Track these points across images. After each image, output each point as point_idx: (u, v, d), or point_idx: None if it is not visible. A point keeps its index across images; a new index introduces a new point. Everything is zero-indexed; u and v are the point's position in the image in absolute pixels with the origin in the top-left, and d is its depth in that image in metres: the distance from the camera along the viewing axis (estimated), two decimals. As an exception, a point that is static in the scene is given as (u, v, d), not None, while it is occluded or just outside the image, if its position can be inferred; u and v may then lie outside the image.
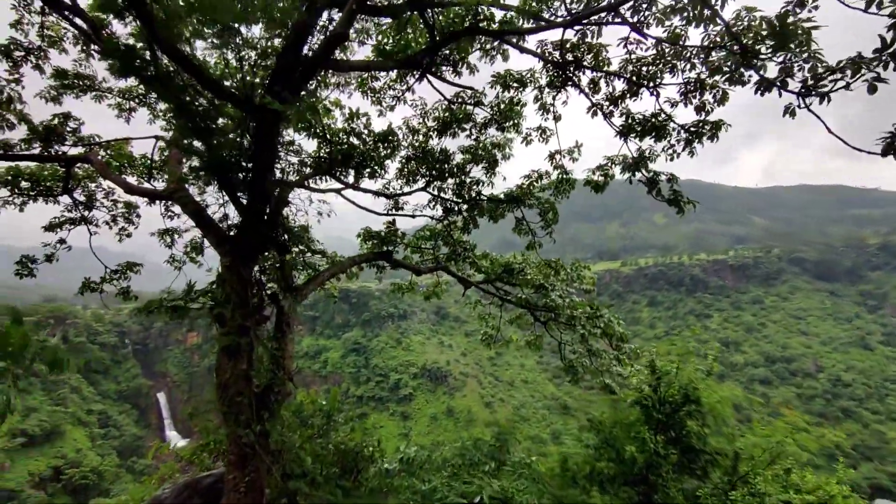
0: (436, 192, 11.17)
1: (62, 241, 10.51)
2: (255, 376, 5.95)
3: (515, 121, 9.99)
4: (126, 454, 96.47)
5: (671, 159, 8.34)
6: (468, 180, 10.67)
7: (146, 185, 10.47)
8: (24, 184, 9.38)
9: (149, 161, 10.14)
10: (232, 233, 6.27)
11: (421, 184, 11.13)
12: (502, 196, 10.74)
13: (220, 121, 5.78)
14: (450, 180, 11.07)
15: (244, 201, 6.02)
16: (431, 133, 10.02)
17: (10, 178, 9.33)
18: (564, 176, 10.01)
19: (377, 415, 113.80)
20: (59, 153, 8.67)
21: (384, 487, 6.88)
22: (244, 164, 5.60)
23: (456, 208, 11.89)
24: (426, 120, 9.80)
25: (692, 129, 7.58)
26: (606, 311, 9.74)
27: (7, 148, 7.98)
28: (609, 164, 9.01)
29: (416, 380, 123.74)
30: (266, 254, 6.24)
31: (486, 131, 10.42)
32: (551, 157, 9.66)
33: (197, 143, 6.18)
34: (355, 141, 9.49)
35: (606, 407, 9.70)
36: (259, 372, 5.96)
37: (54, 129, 8.90)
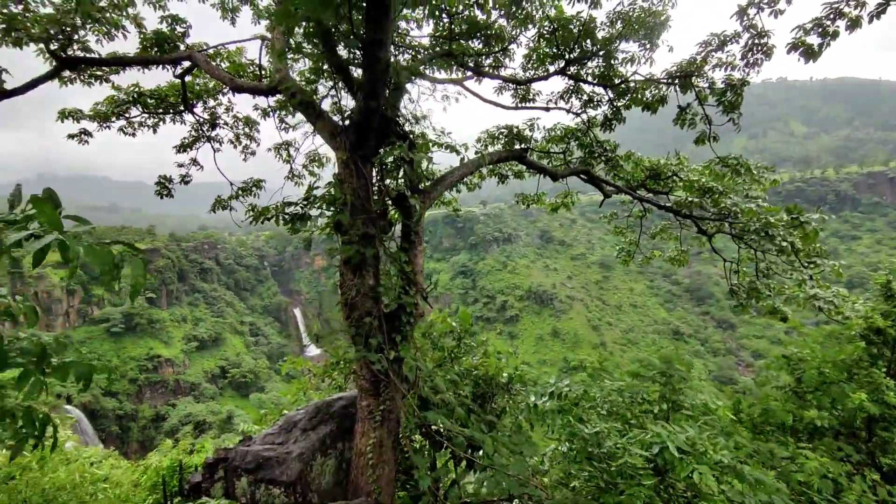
0: (573, 79, 9.10)
1: (194, 162, 10.59)
2: (384, 293, 5.04)
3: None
4: (274, 359, 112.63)
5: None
6: (619, 57, 8.39)
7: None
8: (149, 101, 9.29)
9: (258, 67, 9.43)
10: (345, 122, 5.18)
11: (555, 68, 9.10)
12: (664, 76, 8.37)
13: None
14: (591, 63, 8.92)
15: (357, 85, 4.83)
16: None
17: (135, 95, 9.25)
18: (757, 41, 7.36)
19: (486, 334, 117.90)
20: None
21: (535, 424, 5.92)
22: (354, 29, 4.32)
23: (596, 99, 9.77)
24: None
25: None
26: (816, 216, 7.37)
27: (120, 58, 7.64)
28: (830, 17, 6.31)
29: (521, 302, 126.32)
30: (388, 149, 5.09)
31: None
32: (742, 11, 7.00)
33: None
34: (479, 14, 7.74)
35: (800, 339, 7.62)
36: (388, 289, 5.03)
37: (165, 35, 8.42)
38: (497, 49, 8.49)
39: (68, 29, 6.69)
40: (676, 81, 8.30)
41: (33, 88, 6.71)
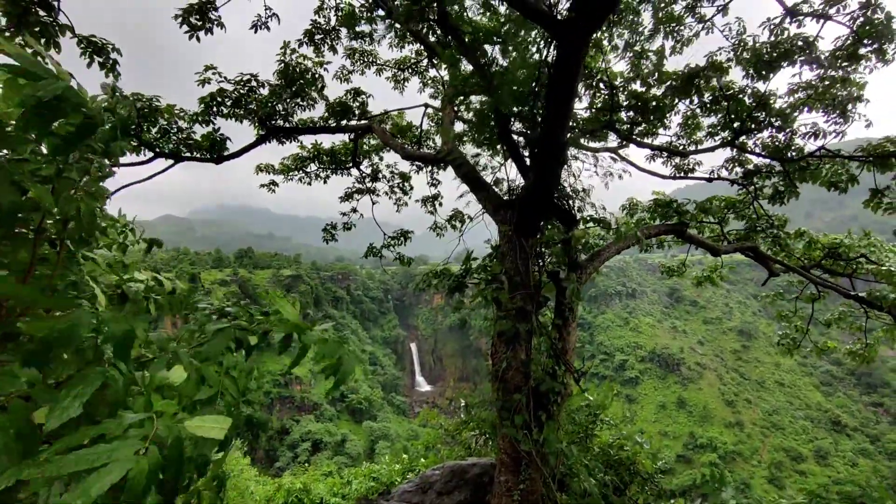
0: (740, 149, 8.45)
1: (355, 210, 11.89)
2: (534, 370, 5.00)
3: (889, 40, 6.71)
4: (388, 389, 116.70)
5: None
6: (800, 129, 7.65)
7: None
8: (324, 157, 10.73)
9: (418, 130, 10.39)
10: (510, 197, 5.39)
11: (716, 140, 8.56)
12: (860, 151, 7.35)
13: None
14: (764, 133, 8.25)
15: (527, 161, 5.02)
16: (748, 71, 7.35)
17: (314, 153, 10.74)
18: None
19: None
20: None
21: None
22: (533, 109, 4.55)
23: (765, 170, 8.95)
24: (742, 53, 7.17)
25: None
26: None
27: (310, 124, 9.01)
28: None
29: (643, 363, 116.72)
30: (550, 229, 5.16)
31: (837, 63, 7.28)
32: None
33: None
34: (639, 87, 7.65)
35: None
36: (538, 365, 4.98)
37: (345, 105, 9.72)
38: (655, 118, 8.26)
39: (278, 106, 8.06)
40: (872, 160, 7.24)
41: (247, 152, 8.16)
